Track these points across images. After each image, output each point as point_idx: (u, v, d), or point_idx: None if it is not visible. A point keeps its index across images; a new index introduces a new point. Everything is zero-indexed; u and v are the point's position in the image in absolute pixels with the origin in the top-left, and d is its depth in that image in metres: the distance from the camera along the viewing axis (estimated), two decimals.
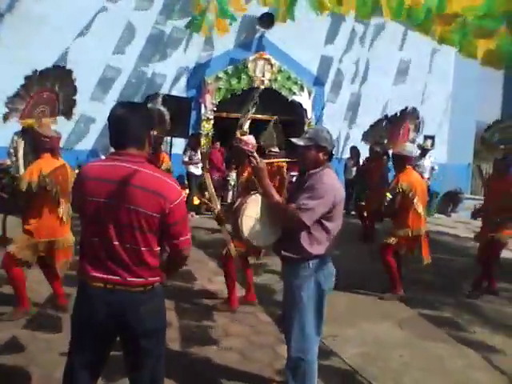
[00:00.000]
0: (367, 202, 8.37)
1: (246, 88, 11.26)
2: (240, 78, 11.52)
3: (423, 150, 10.70)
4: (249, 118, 5.03)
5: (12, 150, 4.31)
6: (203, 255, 6.63)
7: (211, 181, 4.18)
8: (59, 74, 4.50)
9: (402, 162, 5.42)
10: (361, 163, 10.25)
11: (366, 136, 8.99)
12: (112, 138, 2.26)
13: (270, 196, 2.88)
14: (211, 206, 4.29)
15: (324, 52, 12.33)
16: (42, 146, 4.19)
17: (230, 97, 11.40)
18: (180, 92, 10.83)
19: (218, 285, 5.39)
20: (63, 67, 4.62)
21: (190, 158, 10.03)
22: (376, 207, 7.31)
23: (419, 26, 5.71)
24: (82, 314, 2.25)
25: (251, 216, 2.94)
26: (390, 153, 7.14)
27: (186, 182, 9.99)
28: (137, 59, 10.77)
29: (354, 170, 10.67)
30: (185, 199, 2.32)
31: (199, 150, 10.13)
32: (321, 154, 2.89)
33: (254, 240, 2.98)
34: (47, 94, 4.47)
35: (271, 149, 6.22)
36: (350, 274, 5.51)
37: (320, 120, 12.31)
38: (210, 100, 11.32)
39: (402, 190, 5.23)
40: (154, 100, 6.23)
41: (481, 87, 14.96)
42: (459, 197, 10.69)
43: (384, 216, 5.69)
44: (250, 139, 4.64)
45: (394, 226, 5.44)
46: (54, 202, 4.19)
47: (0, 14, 9.64)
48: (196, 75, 11.31)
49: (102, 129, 9.84)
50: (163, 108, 6.04)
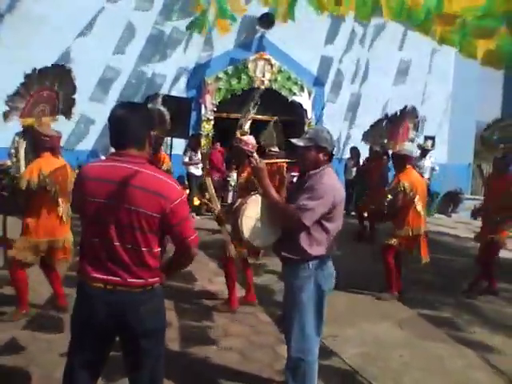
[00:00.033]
0: (366, 202, 8.37)
1: (246, 88, 11.26)
2: (240, 79, 11.52)
3: (423, 151, 10.71)
4: (249, 119, 5.02)
5: (13, 151, 4.30)
6: (203, 256, 6.61)
7: (211, 181, 4.18)
8: (58, 73, 4.49)
9: (402, 161, 5.42)
10: (361, 163, 10.25)
11: (366, 136, 8.99)
12: (112, 138, 2.26)
13: (270, 196, 2.87)
14: (211, 206, 4.29)
15: (324, 52, 12.33)
16: (42, 144, 4.19)
17: (230, 97, 11.41)
18: (180, 92, 10.83)
19: (219, 285, 5.39)
20: (62, 66, 4.60)
21: (191, 159, 10.04)
22: (376, 208, 7.31)
23: (419, 26, 5.71)
24: (82, 314, 2.25)
25: (251, 216, 2.93)
26: (389, 153, 7.14)
27: (186, 182, 9.99)
28: (137, 59, 10.77)
29: (354, 170, 10.67)
30: (186, 199, 2.31)
31: (199, 151, 10.13)
32: (321, 155, 2.88)
33: (253, 240, 2.97)
34: (47, 92, 4.46)
35: (271, 148, 6.23)
36: (349, 274, 5.51)
37: (320, 120, 12.31)
38: (210, 100, 11.33)
39: (403, 188, 5.24)
40: (154, 100, 6.21)
41: (481, 87, 14.97)
42: (459, 197, 10.65)
43: (386, 218, 5.67)
44: (250, 139, 4.65)
45: (395, 227, 5.43)
46: (54, 202, 4.19)
47: (0, 14, 9.65)
48: (196, 75, 11.31)
49: (102, 129, 9.85)
50: (163, 108, 6.03)
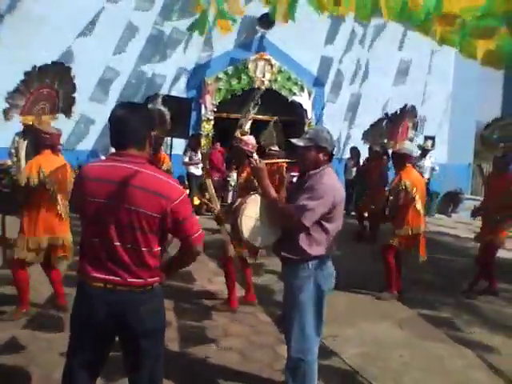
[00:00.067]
0: (366, 202, 8.37)
1: (247, 88, 11.26)
2: (240, 79, 11.52)
3: (423, 151, 10.72)
4: (250, 119, 5.02)
5: (13, 151, 4.31)
6: (203, 256, 6.58)
7: (211, 181, 4.19)
8: (58, 71, 4.49)
9: (402, 160, 5.44)
10: (361, 163, 10.25)
11: (366, 135, 8.99)
12: (113, 138, 2.26)
13: (270, 196, 2.87)
14: (211, 206, 4.30)
15: (324, 52, 12.34)
16: (43, 142, 4.22)
17: (230, 97, 11.41)
18: (180, 93, 10.83)
19: (218, 285, 5.40)
20: (62, 63, 4.60)
21: (191, 159, 10.04)
22: (377, 209, 7.31)
23: (419, 26, 5.70)
24: (82, 314, 2.25)
25: (251, 216, 2.92)
26: (389, 152, 7.14)
27: (186, 182, 9.99)
28: (137, 59, 10.78)
29: (354, 170, 10.66)
30: (187, 197, 2.30)
31: (199, 151, 10.13)
32: (321, 155, 2.88)
33: (253, 240, 2.96)
34: (47, 90, 4.47)
35: (271, 147, 6.22)
36: (349, 274, 5.51)
37: (320, 120, 12.32)
38: (210, 100, 11.33)
39: (404, 187, 5.24)
40: (154, 101, 6.21)
41: (481, 87, 14.97)
42: (459, 197, 10.64)
43: (387, 218, 5.67)
44: (250, 139, 4.65)
45: (395, 226, 5.43)
46: (53, 200, 4.20)
47: (0, 14, 9.65)
48: (196, 76, 11.31)
49: (102, 129, 9.85)
50: (164, 108, 6.03)
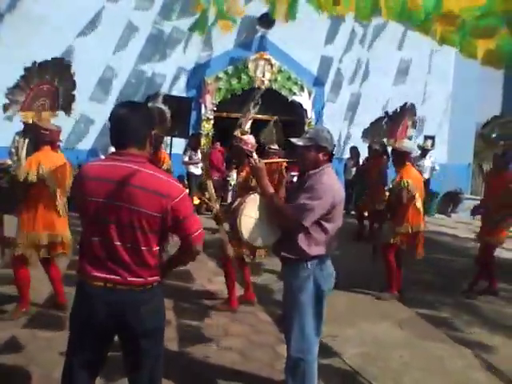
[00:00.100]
0: (366, 201, 8.37)
1: (247, 88, 11.27)
2: (240, 78, 11.53)
3: (423, 151, 10.71)
4: (250, 118, 5.02)
5: (13, 150, 4.31)
6: (203, 255, 6.59)
7: (211, 181, 4.18)
8: (58, 68, 4.49)
9: (402, 158, 5.45)
10: (361, 163, 10.24)
11: (366, 134, 8.99)
12: (113, 137, 2.25)
13: (269, 196, 2.87)
14: (211, 205, 4.29)
15: (324, 52, 12.33)
16: (42, 138, 4.23)
17: (230, 97, 11.41)
18: (180, 92, 10.84)
19: (218, 285, 5.39)
20: (62, 59, 4.60)
21: (190, 158, 10.04)
22: (377, 208, 7.31)
23: (419, 26, 5.70)
24: (82, 313, 2.25)
25: (250, 216, 2.91)
26: (389, 151, 7.14)
27: (185, 181, 9.99)
28: (137, 59, 10.78)
29: (354, 170, 10.66)
30: (187, 196, 2.30)
31: (199, 150, 10.13)
32: (321, 155, 2.87)
33: (252, 240, 2.95)
34: (47, 87, 4.47)
35: (270, 146, 6.22)
36: (349, 273, 5.50)
37: (320, 120, 12.33)
38: (210, 100, 11.34)
39: (407, 185, 5.24)
40: (155, 99, 6.21)
41: (481, 87, 14.96)
42: (459, 197, 10.66)
43: (387, 217, 5.67)
44: (250, 139, 4.65)
45: (394, 225, 5.42)
46: (52, 196, 4.20)
47: (0, 13, 9.65)
48: (196, 75, 11.32)
49: (102, 128, 9.85)
50: (164, 106, 6.03)
